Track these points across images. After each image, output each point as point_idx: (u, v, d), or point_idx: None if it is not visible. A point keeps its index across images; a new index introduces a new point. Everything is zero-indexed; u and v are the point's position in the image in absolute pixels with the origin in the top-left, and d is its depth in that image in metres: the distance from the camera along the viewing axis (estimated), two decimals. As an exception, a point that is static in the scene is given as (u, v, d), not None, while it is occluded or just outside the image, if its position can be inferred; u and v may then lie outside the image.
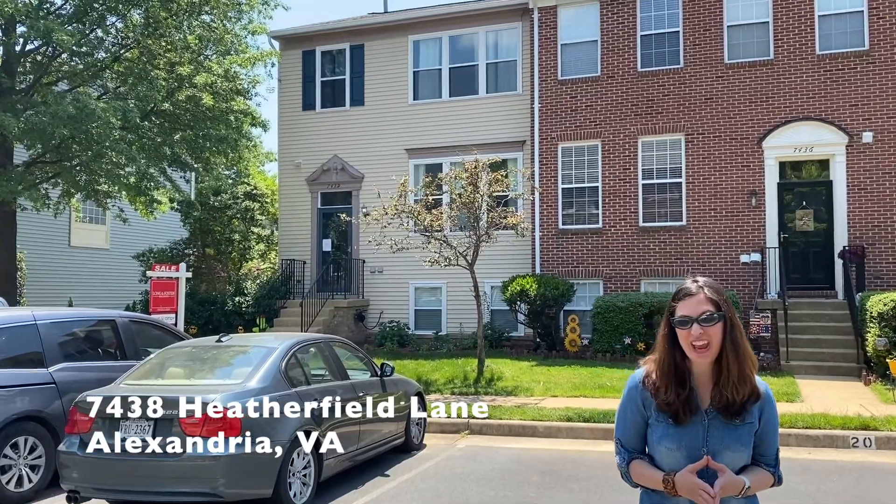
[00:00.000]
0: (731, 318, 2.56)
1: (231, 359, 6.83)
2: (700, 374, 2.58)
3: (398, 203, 12.96)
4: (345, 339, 8.15)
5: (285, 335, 7.41)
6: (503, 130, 18.00)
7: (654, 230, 16.36)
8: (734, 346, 2.53)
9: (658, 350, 2.63)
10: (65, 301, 21.93)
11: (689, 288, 2.58)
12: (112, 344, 8.49)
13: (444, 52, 18.88)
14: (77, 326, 8.25)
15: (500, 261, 17.34)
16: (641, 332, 14.58)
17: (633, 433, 2.69)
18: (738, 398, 2.52)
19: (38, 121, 14.63)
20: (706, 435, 2.54)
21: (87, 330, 8.41)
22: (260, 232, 22.54)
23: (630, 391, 2.71)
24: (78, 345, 8.18)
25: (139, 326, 9.05)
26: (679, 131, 16.33)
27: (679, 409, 2.54)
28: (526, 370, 13.60)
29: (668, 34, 16.64)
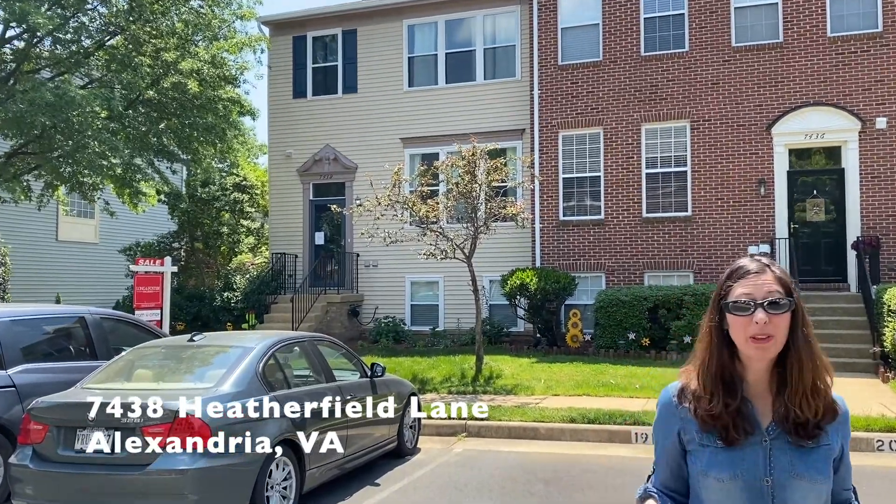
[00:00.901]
0: (802, 310, 1.95)
1: (203, 360, 6.21)
2: (756, 381, 1.97)
3: (392, 193, 12.32)
4: (332, 337, 7.55)
5: (266, 334, 6.80)
6: (502, 118, 17.36)
7: (659, 221, 15.75)
8: (807, 346, 1.92)
9: (701, 348, 2.02)
10: (52, 297, 21.32)
11: (749, 266, 1.97)
12: (81, 343, 7.86)
13: (439, 37, 18.21)
14: (41, 324, 7.63)
15: (498, 254, 16.72)
16: (646, 326, 13.99)
17: (665, 466, 2.07)
18: (809, 414, 1.91)
19: (17, 109, 13.98)
20: (769, 460, 1.92)
21: (53, 328, 7.78)
22: (250, 225, 21.88)
23: (662, 410, 2.10)
24: (42, 344, 7.56)
25: (112, 324, 8.43)
26: (684, 118, 15.70)
27: (730, 425, 1.92)
28: (526, 367, 13.00)
29: (672, 17, 15.99)
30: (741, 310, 1.91)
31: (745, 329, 1.90)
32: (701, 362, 1.99)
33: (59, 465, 5.38)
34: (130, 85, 15.76)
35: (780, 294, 1.90)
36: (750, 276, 1.94)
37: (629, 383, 11.48)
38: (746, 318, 1.89)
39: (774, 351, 1.90)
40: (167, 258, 14.10)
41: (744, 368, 1.96)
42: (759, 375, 1.95)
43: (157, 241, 20.61)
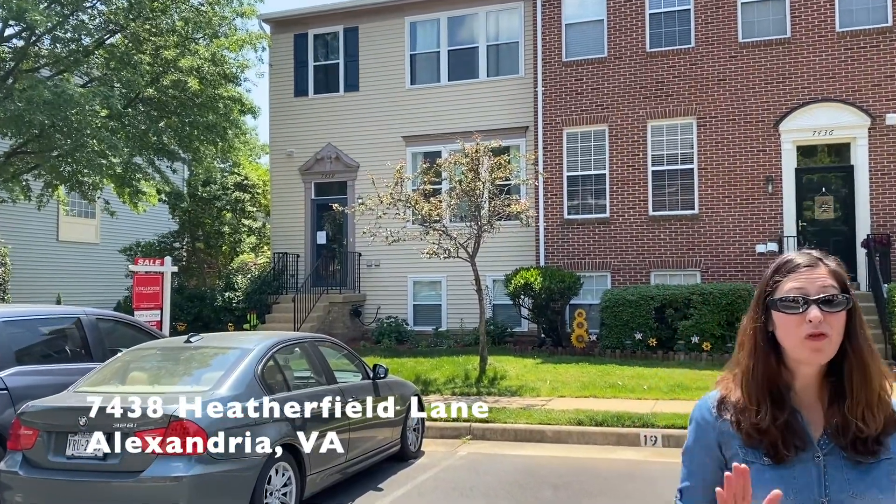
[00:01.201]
0: (859, 309, 1.73)
1: (200, 362, 6.02)
2: (804, 390, 1.75)
3: (394, 191, 12.12)
4: (333, 338, 7.36)
5: (265, 335, 6.60)
6: (505, 116, 17.15)
7: (665, 219, 15.53)
8: (869, 350, 1.71)
9: (744, 353, 1.79)
10: (53, 297, 21.17)
11: (799, 259, 1.76)
12: (77, 345, 7.66)
13: (442, 34, 18.00)
14: (36, 326, 7.43)
15: (502, 253, 16.52)
16: (653, 326, 13.77)
17: (701, 487, 1.79)
18: (873, 428, 1.69)
19: (14, 107, 13.81)
20: (823, 479, 1.70)
21: (48, 329, 7.59)
22: (251, 224, 21.68)
23: (699, 425, 1.85)
24: (37, 346, 7.37)
25: (109, 325, 8.24)
26: (690, 115, 15.48)
27: (779, 440, 1.70)
28: (531, 368, 12.79)
29: (678, 12, 15.77)
30: (791, 307, 1.69)
31: (796, 329, 1.68)
32: (744, 370, 1.77)
33: (50, 472, 5.19)
34: (130, 83, 15.59)
35: (836, 290, 1.69)
36: (801, 269, 1.73)
37: (637, 384, 11.27)
38: (798, 316, 1.68)
39: (830, 352, 1.68)
40: (167, 258, 13.93)
41: (791, 375, 1.74)
42: (809, 382, 1.74)
43: (158, 241, 20.44)
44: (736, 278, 14.94)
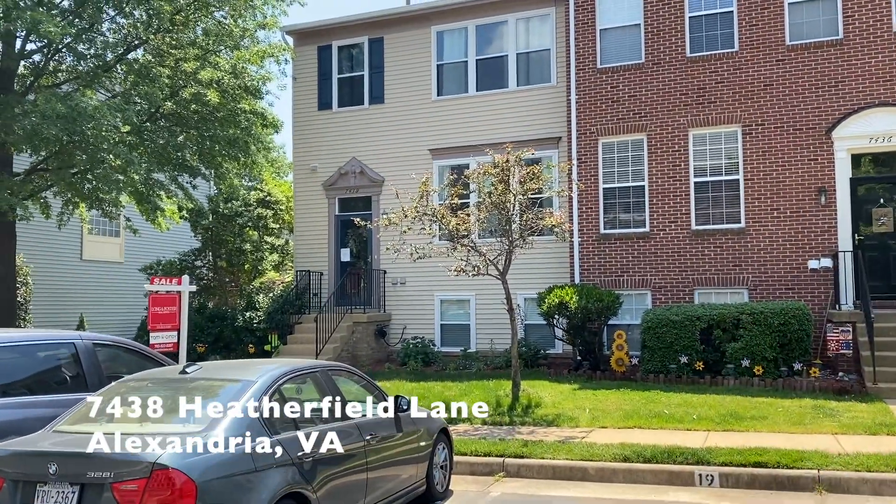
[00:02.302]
0: None
1: (195, 397, 5.27)
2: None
3: (419, 205, 11.36)
4: (350, 366, 6.58)
5: (270, 364, 5.85)
6: (536, 126, 16.35)
7: (709, 234, 14.55)
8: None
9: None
10: (76, 317, 20.80)
11: None
12: (71, 373, 6.98)
13: (470, 43, 17.30)
14: (24, 352, 6.76)
15: (534, 270, 15.66)
16: (699, 349, 12.78)
17: None
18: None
19: (29, 122, 13.37)
20: None
21: (39, 356, 6.91)
22: (274, 241, 21.07)
23: None
24: (25, 374, 6.71)
25: (107, 351, 7.55)
26: (735, 122, 14.53)
27: None
28: (568, 394, 11.87)
29: (720, 15, 14.88)
30: None
31: None
32: None
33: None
34: (149, 96, 15.11)
35: None
36: None
37: (685, 413, 10.30)
38: None
39: None
40: (184, 277, 13.29)
41: None
42: None
43: (180, 260, 19.91)
44: (787, 296, 13.90)
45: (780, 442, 8.68)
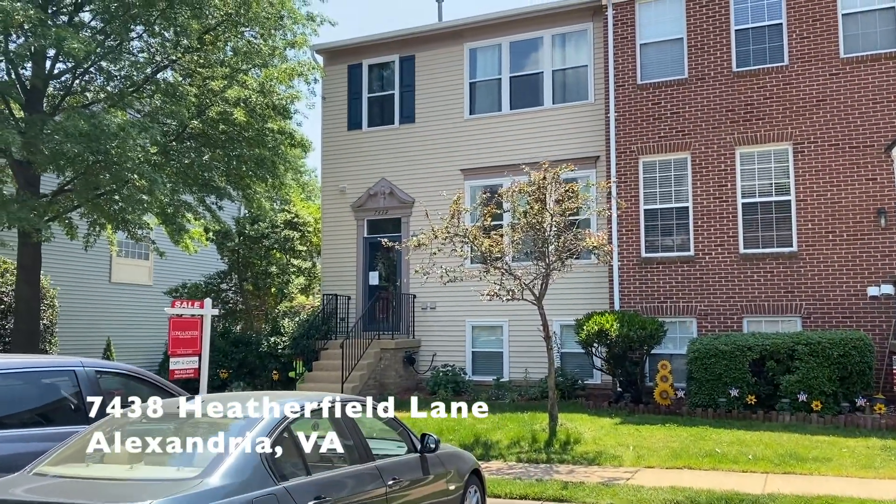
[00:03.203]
0: None
1: (193, 434, 4.63)
2: None
3: (450, 225, 10.72)
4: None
5: (280, 397, 5.20)
6: (573, 145, 15.67)
7: (758, 258, 13.67)
8: None
9: None
10: (103, 341, 20.52)
11: None
12: (71, 404, 6.42)
13: (503, 60, 16.75)
14: (18, 380, 6.20)
15: (570, 295, 14.88)
16: (750, 381, 11.86)
17: None
18: None
19: (51, 140, 13.09)
20: None
21: (36, 385, 6.35)
22: (300, 264, 20.57)
23: None
24: (18, 405, 6.14)
25: (112, 379, 6.99)
26: (785, 140, 13.70)
27: None
28: (609, 429, 11.03)
29: (768, 27, 14.13)
30: None
31: None
32: None
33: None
34: (174, 114, 14.79)
35: None
36: None
37: (739, 453, 9.41)
38: None
39: None
40: (207, 300, 12.79)
41: None
42: None
43: (205, 283, 19.50)
44: (844, 325, 12.93)
45: (850, 488, 7.78)
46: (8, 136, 12.49)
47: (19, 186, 14.97)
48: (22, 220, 13.66)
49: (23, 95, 14.70)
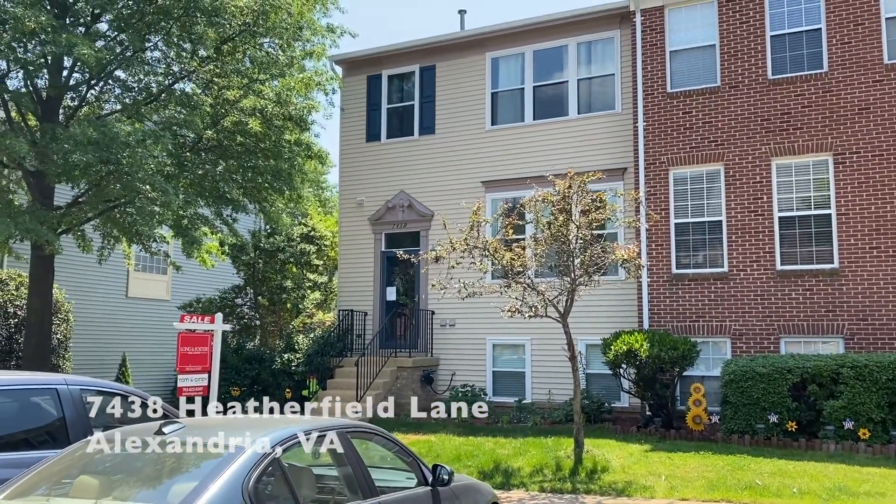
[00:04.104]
0: None
1: (169, 465, 4.06)
2: None
3: (469, 237, 10.13)
4: (376, 427, 5.31)
5: (272, 423, 4.61)
6: (598, 157, 15.02)
7: (797, 275, 12.89)
8: None
9: None
10: (118, 356, 20.16)
11: None
12: (51, 425, 5.89)
13: (526, 69, 16.20)
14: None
15: (596, 313, 14.18)
16: (790, 406, 11.07)
17: None
18: None
19: (61, 148, 12.75)
20: None
21: (13, 405, 5.84)
22: (316, 279, 20.06)
23: None
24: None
25: (100, 399, 6.46)
26: (825, 150, 12.96)
27: None
28: (639, 457, 10.29)
29: (806, 33, 13.44)
30: None
31: None
32: None
33: None
34: (189, 123, 14.42)
35: None
36: None
37: (782, 485, 8.65)
38: None
39: None
40: (218, 315, 12.30)
41: None
42: None
43: (220, 297, 19.05)
44: (890, 347, 12.09)
45: (911, 529, 6.99)
46: (16, 144, 12.17)
47: (33, 198, 14.69)
48: (31, 230, 13.31)
49: (39, 106, 14.45)
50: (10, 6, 12.80)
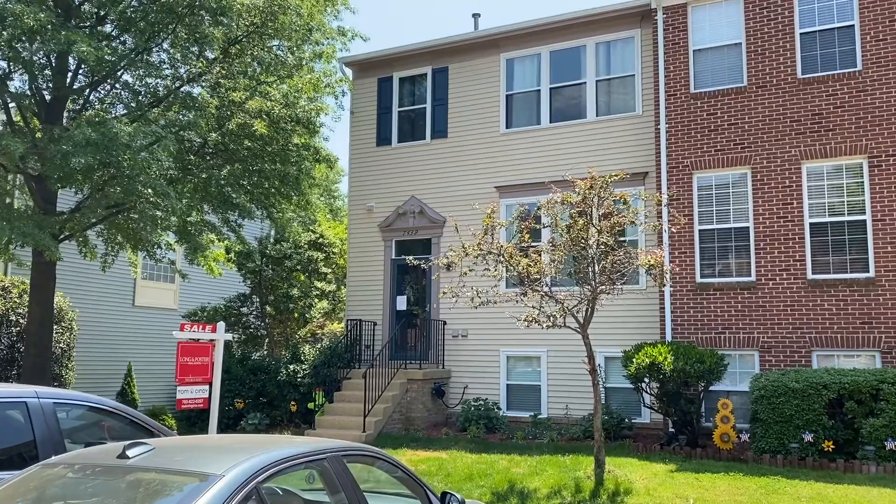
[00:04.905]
0: None
1: (132, 495, 3.46)
2: None
3: (482, 241, 9.52)
4: (375, 449, 4.68)
5: (262, 443, 4.00)
6: (618, 160, 14.38)
7: (829, 284, 12.17)
8: None
9: None
10: (124, 366, 19.68)
11: None
12: (18, 442, 5.32)
13: (543, 70, 15.62)
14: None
15: (616, 324, 13.51)
16: (826, 425, 10.33)
17: None
18: None
19: (57, 149, 12.28)
20: None
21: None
22: (324, 287, 19.48)
23: None
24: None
25: (78, 413, 5.90)
26: (860, 153, 12.27)
27: None
28: (664, 477, 9.60)
29: (838, 30, 12.79)
30: None
31: None
32: None
33: None
34: (192, 125, 13.94)
35: None
36: None
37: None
38: None
39: None
40: (220, 323, 11.74)
41: None
42: None
43: (225, 306, 18.52)
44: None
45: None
46: (11, 144, 11.71)
47: (35, 203, 14.27)
48: (28, 235, 12.84)
49: (43, 109, 14.05)
50: (10, 4, 12.39)
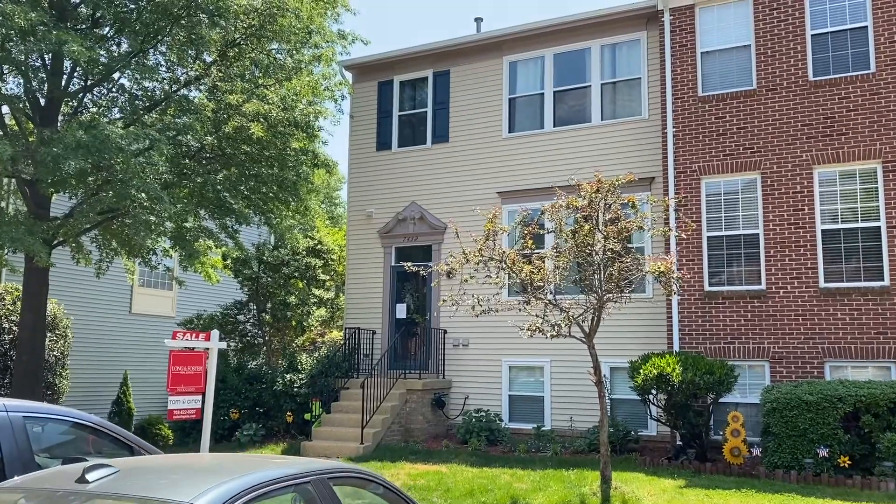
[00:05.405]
0: None
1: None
2: None
3: (484, 247, 9.16)
4: (365, 470, 4.31)
5: (244, 464, 3.64)
6: (623, 165, 13.96)
7: (843, 293, 11.78)
8: None
9: None
10: (119, 374, 19.31)
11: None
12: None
13: (546, 74, 15.29)
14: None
15: (621, 333, 13.12)
16: (842, 439, 9.93)
17: None
18: None
19: (48, 152, 11.96)
20: None
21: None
22: (322, 295, 19.11)
23: None
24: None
25: (53, 428, 5.53)
26: (873, 158, 11.91)
27: None
28: (673, 494, 9.20)
29: (850, 31, 12.45)
30: None
31: None
32: None
33: None
34: (188, 128, 13.62)
35: None
36: None
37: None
38: None
39: None
40: (214, 331, 11.36)
41: None
42: None
43: (221, 314, 18.15)
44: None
45: None
46: (2, 148, 11.38)
47: (28, 208, 13.96)
48: (18, 241, 12.50)
49: (37, 112, 13.75)
50: (1, 4, 12.10)
